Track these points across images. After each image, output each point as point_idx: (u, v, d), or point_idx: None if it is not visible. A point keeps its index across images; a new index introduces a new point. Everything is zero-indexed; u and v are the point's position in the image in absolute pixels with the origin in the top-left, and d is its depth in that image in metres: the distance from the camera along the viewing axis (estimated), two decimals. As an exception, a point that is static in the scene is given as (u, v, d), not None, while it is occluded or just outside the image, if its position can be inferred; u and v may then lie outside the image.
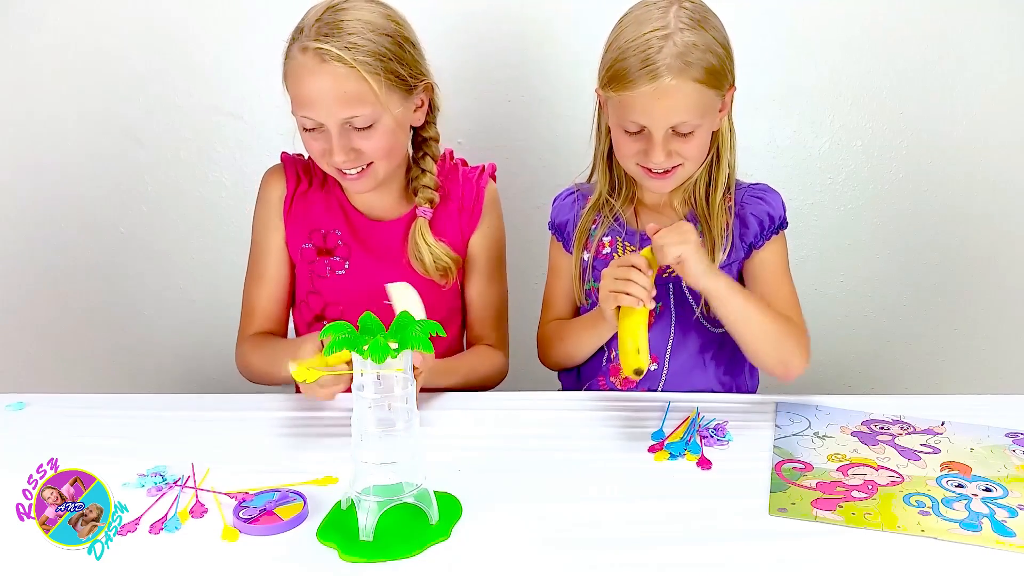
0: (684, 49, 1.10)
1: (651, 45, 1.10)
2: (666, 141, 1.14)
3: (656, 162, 1.15)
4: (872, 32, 1.61)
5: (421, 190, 1.26)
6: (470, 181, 1.30)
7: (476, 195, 1.30)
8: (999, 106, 1.64)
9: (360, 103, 1.13)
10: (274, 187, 1.29)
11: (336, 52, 1.11)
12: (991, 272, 1.74)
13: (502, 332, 1.34)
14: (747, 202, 1.23)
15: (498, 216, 1.33)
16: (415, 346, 0.82)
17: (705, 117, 1.14)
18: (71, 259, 1.78)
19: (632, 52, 1.11)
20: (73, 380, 1.81)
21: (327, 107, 1.13)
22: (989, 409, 1.11)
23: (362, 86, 1.12)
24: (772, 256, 1.23)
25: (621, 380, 1.27)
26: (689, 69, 1.10)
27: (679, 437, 1.04)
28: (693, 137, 1.14)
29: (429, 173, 1.27)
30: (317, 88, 1.12)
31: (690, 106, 1.12)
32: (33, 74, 1.67)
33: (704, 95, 1.12)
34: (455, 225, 1.29)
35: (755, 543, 0.84)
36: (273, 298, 1.30)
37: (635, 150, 1.16)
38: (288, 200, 1.28)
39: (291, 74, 1.15)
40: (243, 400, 1.19)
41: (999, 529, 0.85)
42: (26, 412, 1.16)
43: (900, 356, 1.81)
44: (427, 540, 0.84)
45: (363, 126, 1.15)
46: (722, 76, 1.14)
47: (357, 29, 1.13)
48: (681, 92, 1.10)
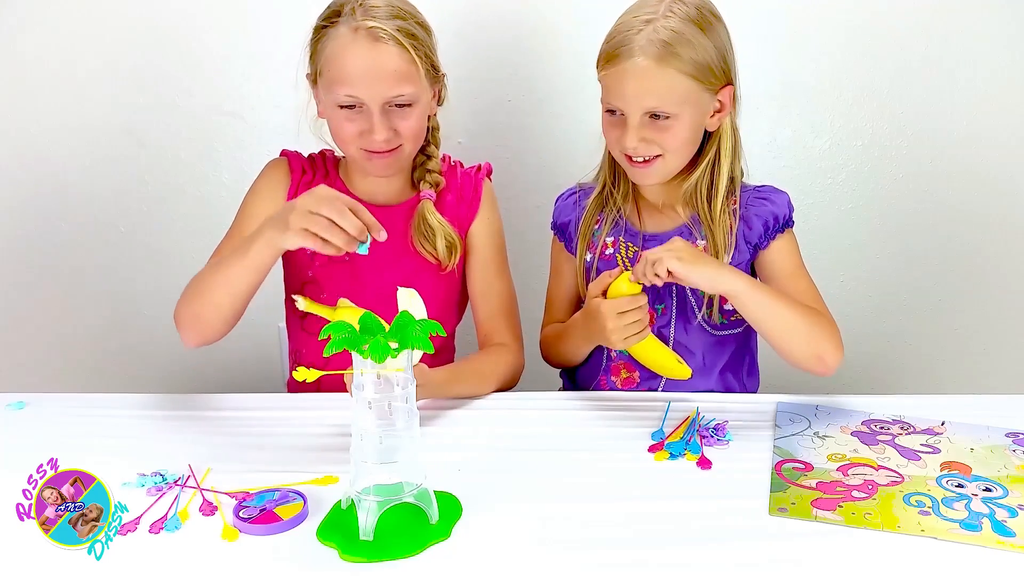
0: (666, 36, 1.12)
1: (632, 27, 1.14)
2: (641, 126, 1.15)
3: (629, 146, 1.16)
4: (872, 32, 1.61)
5: (427, 175, 1.29)
6: (468, 175, 1.34)
7: (474, 186, 1.32)
8: (999, 106, 1.64)
9: (408, 82, 1.17)
10: (277, 174, 1.30)
11: (391, 32, 1.15)
12: (991, 272, 1.74)
13: (513, 327, 1.32)
14: (752, 204, 1.23)
15: (496, 211, 1.34)
16: (415, 346, 0.82)
17: (684, 107, 1.14)
18: (71, 258, 1.78)
19: (617, 33, 1.15)
20: (73, 380, 1.81)
21: (376, 85, 1.16)
22: (989, 409, 1.11)
23: (411, 67, 1.17)
24: (783, 254, 1.23)
25: (622, 380, 1.27)
26: (667, 56, 1.12)
27: (679, 437, 1.04)
28: (671, 127, 1.15)
29: (434, 158, 1.30)
30: (368, 66, 1.15)
31: (664, 92, 1.13)
32: (33, 74, 1.67)
33: (683, 84, 1.13)
34: (454, 215, 1.30)
35: (755, 543, 0.84)
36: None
37: (616, 136, 1.18)
38: (292, 190, 1.28)
39: (336, 53, 1.17)
40: (243, 400, 1.19)
41: (999, 529, 0.85)
42: (26, 412, 1.16)
43: (900, 356, 1.81)
44: (427, 540, 0.84)
45: (404, 104, 1.18)
46: (708, 72, 1.14)
47: (402, 14, 1.18)
48: (655, 76, 1.12)
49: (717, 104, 1.18)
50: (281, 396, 1.24)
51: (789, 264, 1.23)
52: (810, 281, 1.22)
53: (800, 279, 1.22)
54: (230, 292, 1.13)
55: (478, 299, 1.32)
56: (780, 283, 1.21)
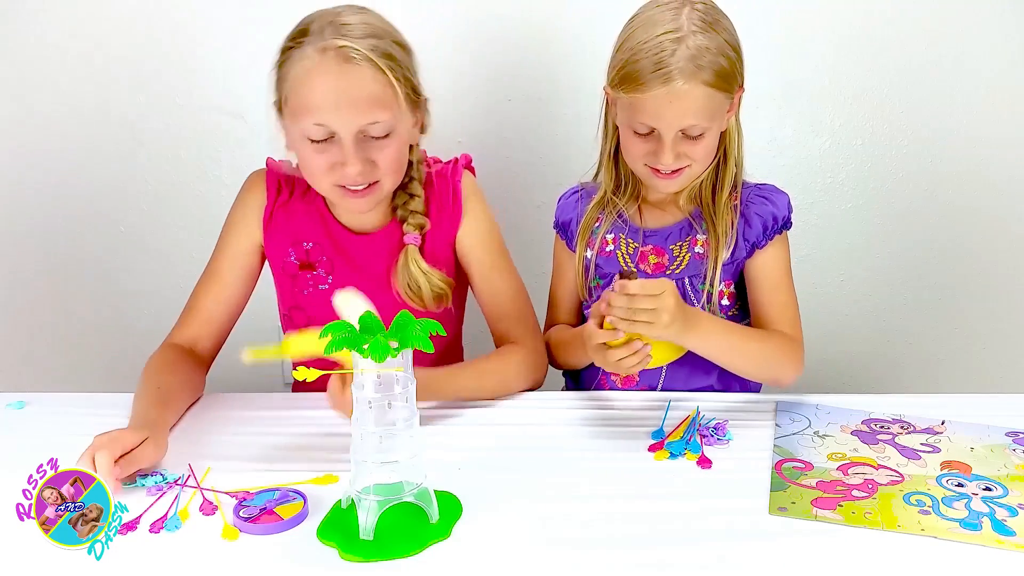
0: (696, 52, 1.10)
1: (664, 48, 1.10)
2: (675, 143, 1.14)
3: (665, 164, 1.15)
4: (873, 31, 1.61)
5: (411, 216, 1.20)
6: (444, 177, 1.24)
7: (453, 191, 1.23)
8: (999, 105, 1.64)
9: (382, 107, 1.07)
10: (254, 194, 1.24)
11: (364, 52, 1.05)
12: (991, 272, 1.74)
13: (525, 323, 1.25)
14: (752, 201, 1.23)
15: (482, 206, 1.25)
16: (415, 345, 0.82)
17: (714, 120, 1.15)
18: (71, 258, 1.78)
19: (644, 54, 1.11)
20: (73, 380, 1.81)
21: (347, 112, 1.06)
22: (989, 409, 1.11)
23: (387, 90, 1.07)
24: (773, 259, 1.23)
25: (622, 379, 1.27)
26: (700, 72, 1.10)
27: (679, 436, 1.04)
28: (702, 139, 1.15)
29: (418, 197, 1.21)
30: (338, 89, 1.05)
31: (700, 109, 1.12)
32: (33, 73, 1.67)
33: (714, 98, 1.13)
34: (437, 227, 1.23)
35: (755, 543, 0.84)
36: (220, 299, 1.23)
37: (644, 151, 1.17)
38: (268, 211, 1.23)
39: (302, 78, 1.07)
40: (243, 400, 1.19)
41: (999, 528, 0.85)
42: (26, 412, 1.16)
43: (900, 356, 1.81)
44: (427, 539, 0.84)
45: (380, 135, 1.09)
46: (732, 79, 1.14)
47: (378, 32, 1.09)
48: (692, 95, 1.10)
49: (729, 105, 1.18)
50: (281, 396, 1.24)
51: (775, 275, 1.23)
52: (791, 291, 1.23)
53: (781, 292, 1.23)
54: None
55: (485, 304, 1.26)
56: (765, 287, 1.22)
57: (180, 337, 1.22)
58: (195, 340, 1.23)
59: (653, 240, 1.25)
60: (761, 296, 1.22)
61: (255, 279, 1.27)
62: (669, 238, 1.25)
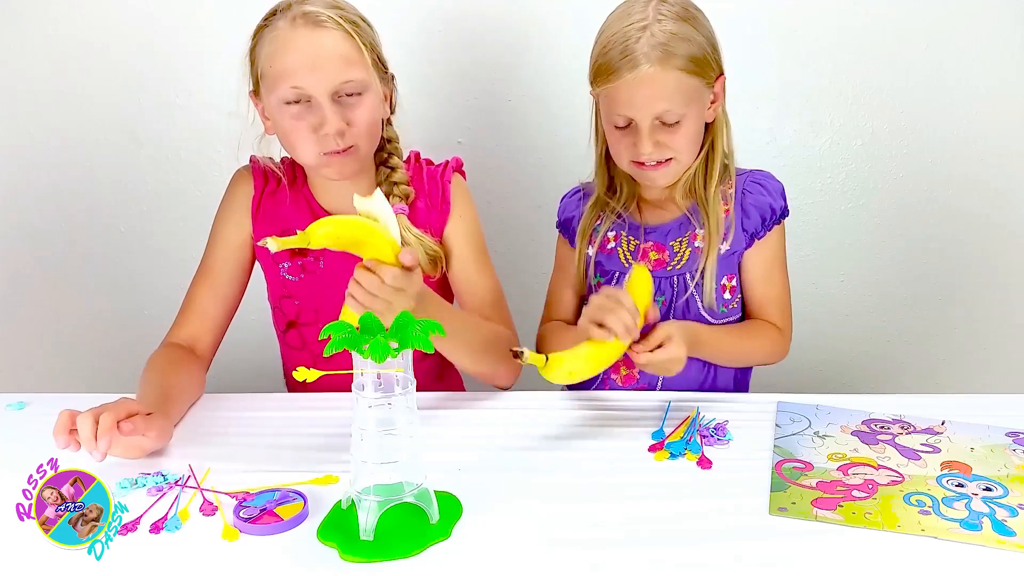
0: (664, 39, 1.12)
1: (630, 36, 1.13)
2: (653, 131, 1.15)
3: (645, 152, 1.16)
4: (873, 31, 1.61)
5: (395, 187, 1.24)
6: (434, 178, 1.28)
7: (442, 189, 1.27)
8: (999, 106, 1.64)
9: (354, 66, 1.13)
10: (241, 187, 1.27)
11: (332, 16, 1.12)
12: (991, 272, 1.74)
13: (503, 319, 1.27)
14: (749, 190, 1.25)
15: (469, 207, 1.29)
16: (415, 346, 0.82)
17: (691, 106, 1.15)
18: (71, 258, 1.78)
19: (613, 45, 1.14)
20: (73, 380, 1.81)
21: (322, 71, 1.11)
22: (989, 409, 1.11)
23: (355, 51, 1.13)
24: (770, 249, 1.25)
25: (622, 378, 1.27)
26: (669, 58, 1.12)
27: (679, 437, 1.04)
28: (680, 128, 1.16)
29: (399, 170, 1.25)
30: (311, 52, 1.12)
31: (671, 93, 1.13)
32: (33, 73, 1.67)
33: (687, 83, 1.14)
34: (425, 221, 1.26)
35: (755, 543, 0.84)
36: (215, 296, 1.26)
37: (626, 145, 1.18)
38: (256, 201, 1.26)
39: (276, 48, 1.13)
40: (243, 400, 1.19)
41: (999, 528, 0.85)
42: (26, 412, 1.17)
43: (900, 356, 1.81)
44: (427, 540, 0.84)
45: (354, 92, 1.14)
46: (704, 64, 1.15)
47: (340, 4, 1.16)
48: (660, 79, 1.12)
49: (712, 96, 1.19)
50: (281, 396, 1.24)
51: (772, 258, 1.26)
52: (785, 279, 1.27)
53: (774, 285, 1.26)
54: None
55: (464, 299, 1.28)
56: (759, 274, 1.25)
57: (179, 336, 1.24)
58: (194, 338, 1.24)
59: (653, 236, 1.26)
60: (755, 284, 1.25)
61: (248, 273, 1.29)
62: (669, 234, 1.26)
